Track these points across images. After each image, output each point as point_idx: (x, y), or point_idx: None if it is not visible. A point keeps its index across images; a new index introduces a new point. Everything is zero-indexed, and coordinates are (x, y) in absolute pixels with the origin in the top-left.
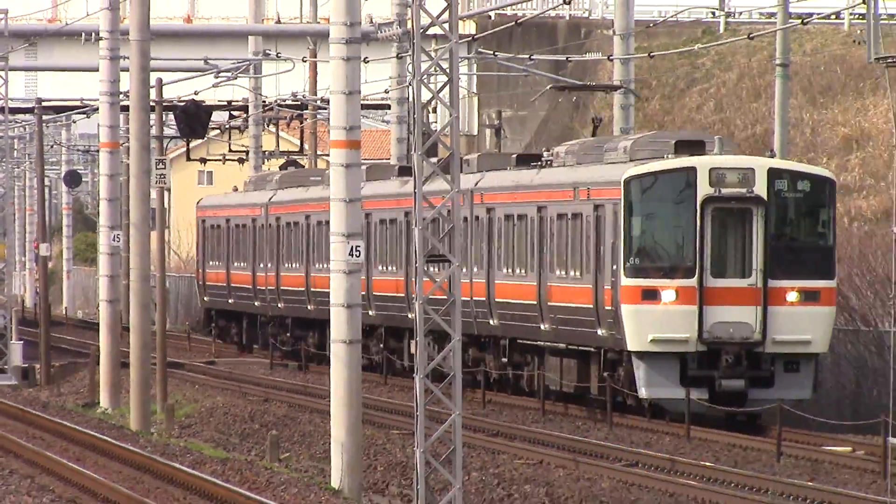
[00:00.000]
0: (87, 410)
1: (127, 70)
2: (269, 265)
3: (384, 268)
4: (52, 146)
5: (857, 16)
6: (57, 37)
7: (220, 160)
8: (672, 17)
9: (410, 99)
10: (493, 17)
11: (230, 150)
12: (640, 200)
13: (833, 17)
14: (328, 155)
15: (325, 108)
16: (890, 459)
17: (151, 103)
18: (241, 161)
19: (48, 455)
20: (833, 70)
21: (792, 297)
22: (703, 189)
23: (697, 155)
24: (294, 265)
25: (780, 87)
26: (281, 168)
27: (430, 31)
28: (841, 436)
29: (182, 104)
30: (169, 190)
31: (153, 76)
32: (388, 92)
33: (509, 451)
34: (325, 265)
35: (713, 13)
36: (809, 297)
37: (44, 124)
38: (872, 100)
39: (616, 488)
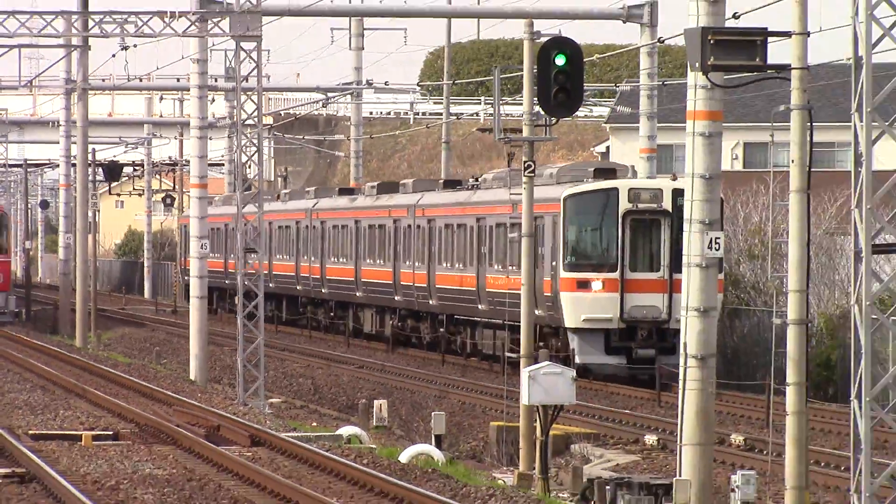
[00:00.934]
0: (51, 336)
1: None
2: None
3: (336, 259)
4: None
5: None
6: (35, 124)
7: (128, 195)
8: (388, 113)
9: (236, 160)
10: (282, 115)
11: (133, 189)
12: (575, 213)
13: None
14: (189, 192)
15: (187, 165)
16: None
17: (89, 162)
18: (140, 195)
19: (29, 360)
20: (476, 143)
21: None
22: (624, 204)
23: (610, 179)
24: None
25: (444, 154)
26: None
27: (247, 122)
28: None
29: (106, 163)
30: (98, 210)
31: (93, 146)
32: (223, 155)
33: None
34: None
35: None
36: None
37: (29, 173)
38: (500, 161)
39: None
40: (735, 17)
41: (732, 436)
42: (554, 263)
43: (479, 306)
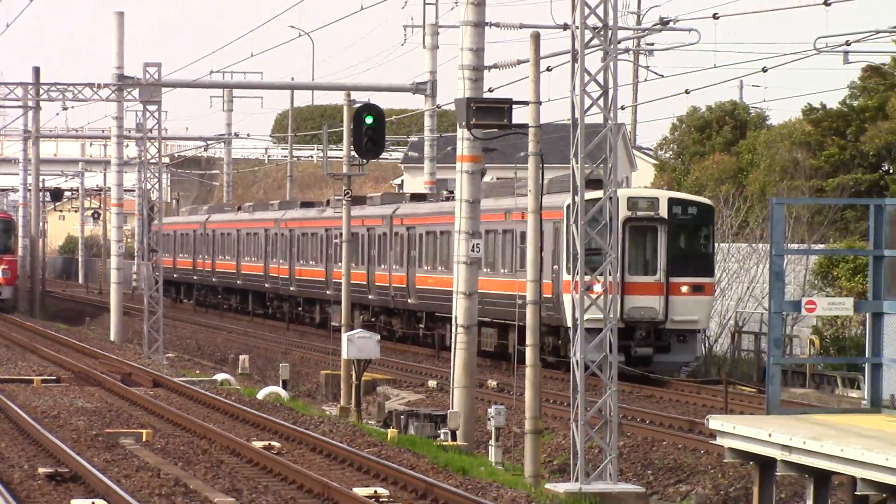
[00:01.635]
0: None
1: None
2: (206, 257)
3: (305, 262)
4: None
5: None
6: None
7: (67, 211)
8: (249, 155)
9: (143, 187)
10: (176, 156)
11: (71, 207)
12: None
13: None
14: (110, 209)
15: (109, 191)
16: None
17: (40, 188)
18: (75, 211)
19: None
20: (311, 176)
21: (684, 289)
22: (623, 212)
23: (598, 189)
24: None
25: (289, 184)
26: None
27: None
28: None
29: (52, 189)
30: (46, 222)
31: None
32: (134, 184)
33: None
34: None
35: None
36: (696, 289)
37: None
38: (328, 191)
39: None
40: (490, 91)
41: (489, 381)
42: (556, 267)
43: (327, 291)
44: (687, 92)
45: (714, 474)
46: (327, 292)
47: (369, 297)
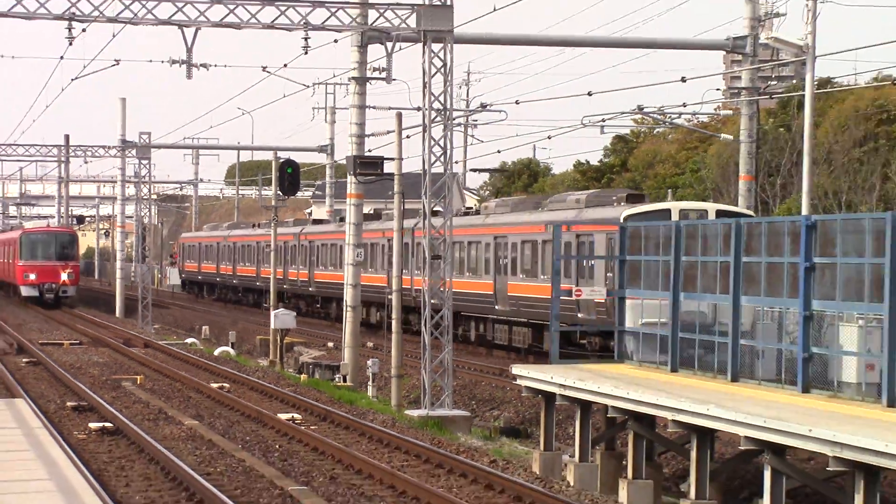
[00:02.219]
0: None
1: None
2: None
3: (324, 268)
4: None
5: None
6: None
7: (89, 230)
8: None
9: (139, 216)
10: (160, 194)
11: (91, 228)
12: None
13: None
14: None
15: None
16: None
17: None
18: (93, 230)
19: (37, 309)
20: (250, 208)
21: None
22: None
23: (639, 203)
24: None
25: (237, 213)
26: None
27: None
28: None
29: (77, 216)
30: None
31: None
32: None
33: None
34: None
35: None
36: None
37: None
38: (260, 217)
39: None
40: (370, 150)
41: (368, 343)
42: (609, 275)
43: (257, 283)
44: (499, 151)
45: (516, 404)
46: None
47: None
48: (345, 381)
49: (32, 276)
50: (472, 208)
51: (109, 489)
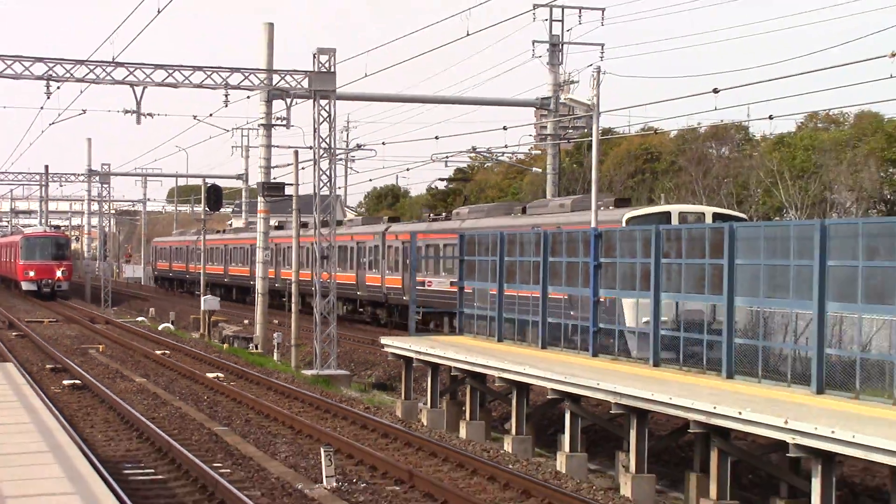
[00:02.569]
0: None
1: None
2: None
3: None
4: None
5: None
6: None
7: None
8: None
9: (101, 227)
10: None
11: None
12: None
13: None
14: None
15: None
16: None
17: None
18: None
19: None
20: (193, 221)
21: None
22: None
23: (625, 207)
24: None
25: (175, 225)
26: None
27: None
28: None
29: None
30: None
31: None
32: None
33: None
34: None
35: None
36: None
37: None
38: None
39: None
40: (274, 178)
41: (274, 320)
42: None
43: (186, 276)
44: (370, 180)
45: (384, 366)
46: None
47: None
48: (256, 349)
49: (32, 273)
50: (442, 213)
51: (78, 429)
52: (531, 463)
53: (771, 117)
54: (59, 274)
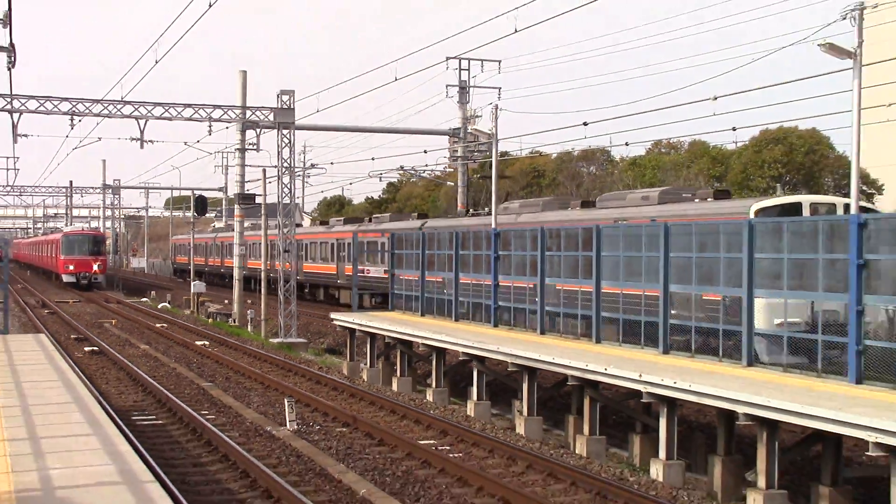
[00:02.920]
0: None
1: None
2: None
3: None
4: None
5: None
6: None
7: None
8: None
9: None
10: (127, 216)
11: None
12: None
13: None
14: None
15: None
16: None
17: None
18: None
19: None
20: (186, 223)
21: None
22: (806, 215)
23: (726, 199)
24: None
25: (171, 229)
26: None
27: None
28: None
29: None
30: None
31: None
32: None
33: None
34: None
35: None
36: None
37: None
38: (187, 228)
39: None
40: (248, 190)
41: (249, 300)
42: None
43: (206, 268)
44: (322, 192)
45: (334, 335)
46: (205, 269)
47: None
48: (234, 322)
49: (71, 267)
50: (484, 210)
51: (96, 385)
52: (447, 409)
53: (627, 144)
54: (95, 267)
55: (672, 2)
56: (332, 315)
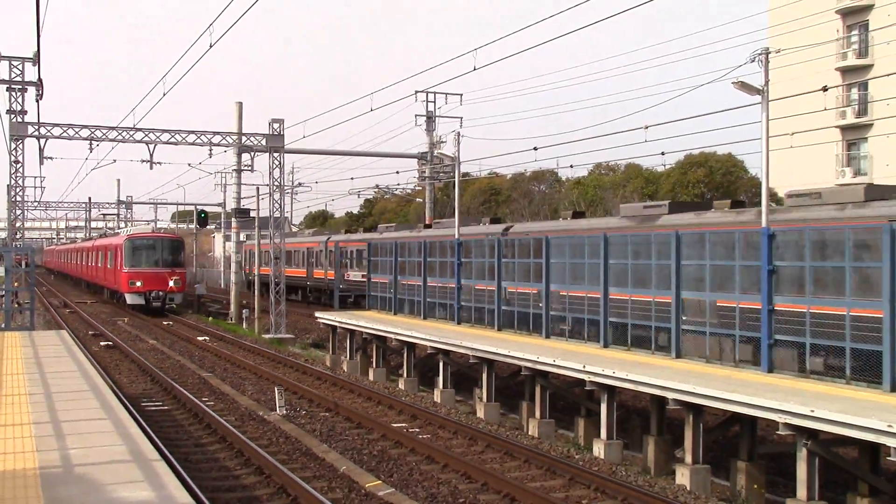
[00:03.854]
0: None
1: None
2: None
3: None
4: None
5: None
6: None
7: None
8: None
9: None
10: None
11: None
12: None
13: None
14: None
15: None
16: None
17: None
18: None
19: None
20: (189, 233)
21: None
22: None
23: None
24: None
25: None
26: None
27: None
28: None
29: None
30: None
31: None
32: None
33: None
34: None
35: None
36: None
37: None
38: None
39: None
40: (243, 206)
41: (245, 301)
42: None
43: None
44: (308, 206)
45: (318, 331)
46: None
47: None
48: (232, 320)
49: (138, 283)
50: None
51: (110, 375)
52: (417, 396)
53: (572, 166)
54: (172, 283)
55: (610, 44)
56: (317, 314)
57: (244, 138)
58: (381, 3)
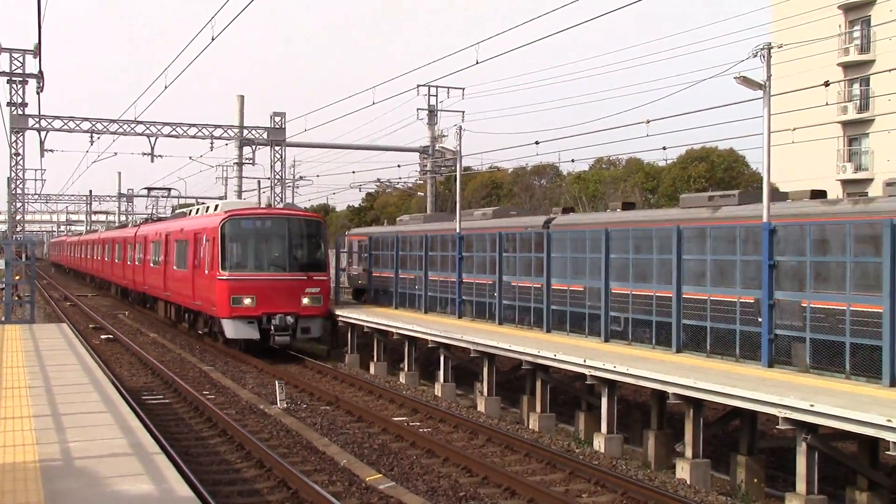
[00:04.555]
0: None
1: None
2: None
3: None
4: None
5: None
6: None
7: None
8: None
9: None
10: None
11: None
12: None
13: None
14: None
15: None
16: None
17: None
18: None
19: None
20: None
21: None
22: None
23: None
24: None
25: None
26: None
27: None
28: None
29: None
30: None
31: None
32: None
33: None
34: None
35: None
36: None
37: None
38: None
39: None
40: (244, 199)
41: None
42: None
43: None
44: (309, 200)
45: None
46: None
47: None
48: None
49: (247, 302)
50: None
51: (111, 368)
52: (418, 390)
53: (573, 160)
54: (306, 301)
55: (612, 38)
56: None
57: (246, 132)
58: (382, 3)
